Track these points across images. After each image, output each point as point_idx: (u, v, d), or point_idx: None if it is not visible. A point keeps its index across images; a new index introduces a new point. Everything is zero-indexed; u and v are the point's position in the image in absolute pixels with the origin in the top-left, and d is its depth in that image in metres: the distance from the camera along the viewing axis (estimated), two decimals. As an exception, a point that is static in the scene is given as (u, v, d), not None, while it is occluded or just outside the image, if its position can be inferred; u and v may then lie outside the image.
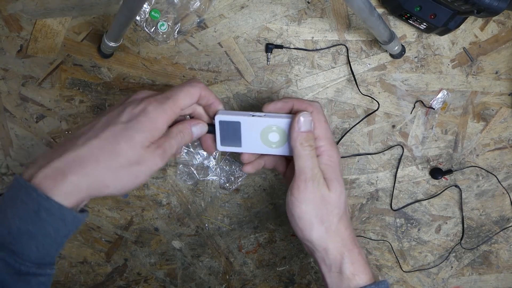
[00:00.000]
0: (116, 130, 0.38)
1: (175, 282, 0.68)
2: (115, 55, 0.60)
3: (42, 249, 0.36)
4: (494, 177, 0.65)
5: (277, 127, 0.46)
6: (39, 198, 0.35)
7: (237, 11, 0.60)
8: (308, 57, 0.61)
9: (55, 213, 0.35)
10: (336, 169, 0.46)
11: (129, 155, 0.38)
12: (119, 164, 0.38)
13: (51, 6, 0.59)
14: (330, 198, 0.44)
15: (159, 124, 0.39)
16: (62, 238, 0.37)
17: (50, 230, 0.36)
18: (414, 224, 0.67)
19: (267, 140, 0.47)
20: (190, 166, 0.64)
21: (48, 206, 0.35)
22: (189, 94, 0.42)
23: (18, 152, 0.63)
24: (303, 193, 0.44)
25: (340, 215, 0.45)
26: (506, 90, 0.63)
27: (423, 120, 0.64)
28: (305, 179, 0.44)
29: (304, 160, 0.44)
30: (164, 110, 0.40)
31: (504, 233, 0.68)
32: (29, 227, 0.35)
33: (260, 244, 0.67)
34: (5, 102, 0.61)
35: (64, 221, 0.36)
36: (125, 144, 0.38)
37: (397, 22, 0.60)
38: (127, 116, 0.39)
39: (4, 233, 0.35)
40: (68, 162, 0.36)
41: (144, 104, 0.39)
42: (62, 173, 0.36)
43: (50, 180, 0.36)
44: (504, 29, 0.61)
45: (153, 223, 0.66)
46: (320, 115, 0.47)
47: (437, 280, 0.69)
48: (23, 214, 0.35)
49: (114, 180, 0.38)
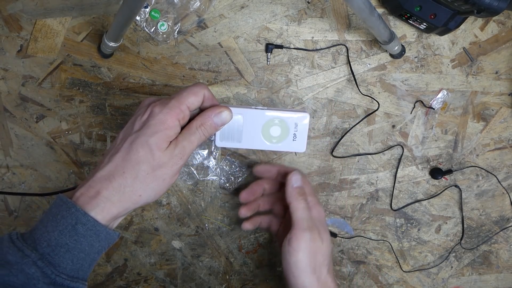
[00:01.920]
0: (132, 140, 0.39)
1: (175, 282, 0.68)
2: (115, 55, 0.60)
3: (77, 263, 0.38)
4: (494, 177, 0.65)
5: (280, 119, 0.46)
6: (78, 213, 0.37)
7: (237, 11, 0.60)
8: (308, 57, 0.61)
9: (90, 228, 0.37)
10: (324, 222, 0.51)
11: (150, 161, 0.39)
12: (144, 171, 0.39)
13: (51, 6, 0.59)
14: (322, 249, 0.48)
15: (169, 123, 0.40)
16: (95, 254, 0.39)
17: (85, 244, 0.38)
18: (414, 224, 0.67)
19: (268, 135, 0.47)
20: (190, 166, 0.64)
21: (84, 221, 0.37)
22: (192, 92, 0.42)
23: (18, 152, 0.63)
24: (300, 243, 0.47)
25: (328, 267, 0.49)
26: (506, 90, 0.63)
27: (423, 120, 0.64)
28: (303, 229, 0.48)
29: (300, 212, 0.49)
30: (170, 108, 0.40)
31: (504, 233, 0.68)
32: (67, 240, 0.37)
33: (260, 244, 0.67)
34: (5, 102, 0.61)
35: (98, 237, 0.38)
36: (143, 151, 0.39)
37: (397, 22, 0.60)
38: (138, 124, 0.40)
39: (44, 245, 0.37)
40: (99, 180, 0.39)
41: (150, 109, 0.41)
42: (95, 190, 0.38)
43: (86, 198, 0.38)
44: (504, 29, 0.61)
45: (153, 223, 0.66)
46: (303, 176, 0.53)
47: (437, 280, 0.69)
48: (62, 228, 0.37)
49: (144, 187, 0.39)
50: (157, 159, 0.39)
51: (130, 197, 0.39)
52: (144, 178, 0.39)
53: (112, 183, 0.38)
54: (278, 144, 0.48)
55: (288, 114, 0.46)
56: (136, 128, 0.40)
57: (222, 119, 0.43)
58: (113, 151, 0.40)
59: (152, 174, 0.39)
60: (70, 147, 0.63)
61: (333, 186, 0.65)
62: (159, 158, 0.39)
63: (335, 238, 0.66)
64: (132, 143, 0.39)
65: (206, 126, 0.42)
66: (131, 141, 0.39)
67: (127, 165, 0.39)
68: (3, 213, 0.65)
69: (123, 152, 0.39)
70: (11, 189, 0.64)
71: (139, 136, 0.39)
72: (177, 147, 0.40)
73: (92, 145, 0.63)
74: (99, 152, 0.63)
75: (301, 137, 0.48)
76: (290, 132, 0.47)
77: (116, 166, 0.39)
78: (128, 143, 0.39)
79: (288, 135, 0.47)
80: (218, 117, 0.43)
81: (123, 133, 0.42)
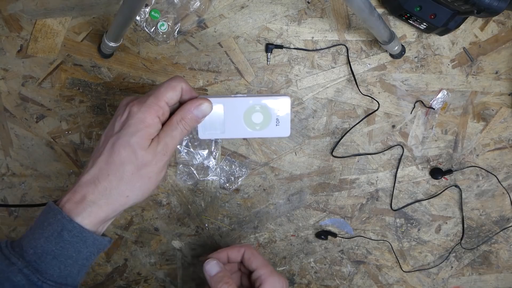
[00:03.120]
0: (113, 141, 0.39)
1: (175, 282, 0.68)
2: (115, 55, 0.60)
3: (64, 270, 0.38)
4: (494, 177, 0.65)
5: (261, 106, 0.46)
6: (63, 219, 0.37)
7: (237, 11, 0.60)
8: (308, 57, 0.61)
9: (76, 234, 0.37)
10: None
11: (133, 160, 0.39)
12: (128, 172, 0.39)
13: (51, 6, 0.59)
14: None
15: (148, 121, 0.39)
16: (83, 260, 0.39)
17: (71, 251, 0.38)
18: (414, 224, 0.67)
19: (250, 122, 0.46)
20: (190, 166, 0.64)
21: (70, 227, 0.37)
22: (170, 86, 0.41)
23: (18, 152, 0.63)
24: None
25: None
26: (506, 90, 0.63)
27: (423, 120, 0.64)
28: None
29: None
30: (148, 106, 0.39)
31: (504, 233, 0.68)
32: (53, 247, 0.37)
33: (260, 244, 0.67)
34: (5, 102, 0.61)
35: (85, 243, 0.38)
36: (125, 152, 0.38)
37: (397, 22, 0.60)
38: (118, 125, 0.40)
39: (31, 252, 0.37)
40: (85, 184, 0.38)
41: (129, 108, 0.40)
42: (81, 195, 0.38)
43: (72, 203, 0.38)
44: (504, 29, 0.61)
45: (153, 223, 0.66)
46: (253, 250, 0.53)
47: (437, 280, 0.69)
48: (48, 235, 0.37)
49: (131, 188, 0.39)
50: (140, 158, 0.39)
51: (117, 199, 0.39)
52: (130, 179, 0.39)
53: (97, 187, 0.38)
54: (262, 131, 0.47)
55: (269, 99, 0.45)
56: (116, 129, 0.40)
57: (203, 111, 0.43)
58: (96, 154, 0.40)
59: (137, 174, 0.39)
60: (70, 147, 0.63)
61: (333, 186, 0.65)
62: (143, 157, 0.39)
63: (335, 238, 0.66)
64: (114, 144, 0.39)
65: (187, 120, 0.42)
66: (113, 143, 0.39)
67: (111, 167, 0.38)
68: (3, 213, 0.65)
69: (105, 154, 0.39)
70: (11, 189, 0.64)
71: (120, 137, 0.39)
72: (160, 144, 0.40)
73: (92, 145, 0.63)
74: (99, 152, 0.63)
75: (284, 122, 0.47)
76: (272, 118, 0.47)
77: (100, 169, 0.39)
78: (110, 145, 0.39)
79: (271, 121, 0.47)
80: (198, 110, 0.42)
81: (105, 135, 0.41)
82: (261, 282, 0.50)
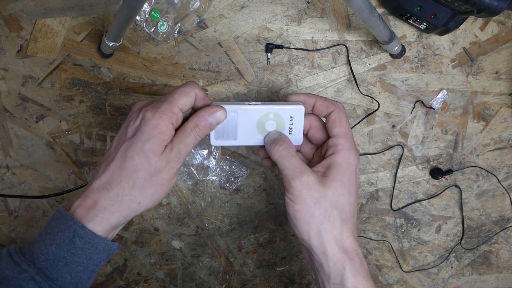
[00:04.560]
0: (126, 147, 0.39)
1: (175, 282, 0.68)
2: (115, 55, 0.60)
3: (75, 276, 0.37)
4: (494, 177, 0.65)
5: (275, 114, 0.45)
6: (75, 226, 0.37)
7: (237, 11, 0.60)
8: (308, 57, 0.61)
9: (88, 241, 0.37)
10: (346, 170, 0.43)
11: (147, 167, 0.38)
12: (141, 178, 0.38)
13: (51, 6, 0.59)
14: (326, 196, 0.41)
15: (162, 128, 0.39)
16: (93, 266, 0.39)
17: (83, 257, 0.37)
18: (414, 224, 0.67)
19: (263, 130, 0.46)
20: (190, 166, 0.64)
21: (82, 234, 0.37)
22: (183, 92, 0.41)
23: (18, 152, 0.63)
24: (293, 192, 0.42)
25: (343, 219, 0.42)
26: (506, 90, 0.63)
27: (423, 120, 0.64)
28: (290, 179, 0.42)
29: (281, 163, 0.43)
30: (162, 112, 0.39)
31: (504, 233, 0.68)
32: (64, 254, 0.37)
33: (260, 244, 0.67)
34: (5, 102, 0.61)
35: (96, 249, 0.38)
36: (138, 158, 0.38)
37: (397, 22, 0.60)
38: (131, 131, 0.40)
39: (42, 259, 0.36)
40: (97, 190, 0.38)
41: (142, 113, 0.40)
42: (93, 201, 0.38)
43: (83, 209, 0.38)
44: (504, 29, 0.61)
45: (153, 223, 0.66)
46: (342, 114, 0.45)
47: (437, 280, 0.69)
48: (60, 242, 0.37)
49: (143, 195, 0.39)
50: (153, 165, 0.38)
51: (129, 205, 0.39)
52: (142, 185, 0.38)
53: (109, 193, 0.38)
54: None
55: (283, 107, 0.45)
56: (129, 134, 0.39)
57: (217, 119, 0.42)
58: (108, 159, 0.40)
59: (150, 181, 0.39)
60: (70, 147, 0.63)
61: (333, 186, 0.65)
62: (156, 164, 0.38)
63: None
64: (127, 150, 0.38)
65: (200, 127, 0.41)
66: (126, 149, 0.39)
67: (124, 174, 0.38)
68: (3, 213, 0.65)
69: (118, 160, 0.38)
70: (11, 189, 0.64)
71: (133, 143, 0.38)
72: (173, 151, 0.39)
73: (92, 145, 0.63)
74: (99, 152, 0.63)
75: (297, 130, 0.47)
76: (286, 126, 0.46)
77: (112, 175, 0.38)
78: (122, 151, 0.39)
79: (284, 129, 0.47)
80: (213, 117, 0.42)
81: (117, 140, 0.41)
82: (335, 151, 0.44)
